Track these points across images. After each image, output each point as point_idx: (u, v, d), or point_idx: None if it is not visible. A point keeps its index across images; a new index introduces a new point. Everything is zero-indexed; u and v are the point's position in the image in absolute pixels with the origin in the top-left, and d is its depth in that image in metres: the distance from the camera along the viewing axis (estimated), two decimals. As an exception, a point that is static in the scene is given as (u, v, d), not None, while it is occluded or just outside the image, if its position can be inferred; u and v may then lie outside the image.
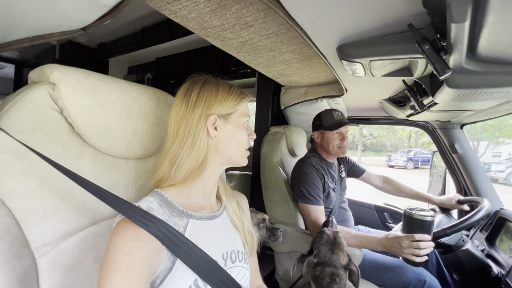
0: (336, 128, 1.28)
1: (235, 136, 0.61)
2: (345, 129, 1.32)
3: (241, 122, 0.61)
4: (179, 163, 0.55)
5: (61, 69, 0.50)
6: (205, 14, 0.78)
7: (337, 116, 1.31)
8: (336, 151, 1.31)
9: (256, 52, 1.05)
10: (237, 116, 0.61)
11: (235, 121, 0.60)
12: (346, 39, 0.78)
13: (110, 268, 0.41)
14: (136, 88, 0.64)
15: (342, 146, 1.31)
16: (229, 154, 0.61)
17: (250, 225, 0.71)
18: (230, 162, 0.63)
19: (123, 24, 2.15)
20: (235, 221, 0.66)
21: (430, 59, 0.56)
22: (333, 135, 1.31)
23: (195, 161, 0.56)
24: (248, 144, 0.64)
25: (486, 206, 1.04)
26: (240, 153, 0.63)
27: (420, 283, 1.08)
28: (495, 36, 0.46)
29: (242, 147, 0.62)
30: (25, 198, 0.46)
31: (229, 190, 0.71)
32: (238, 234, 0.66)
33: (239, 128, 0.61)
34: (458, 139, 1.48)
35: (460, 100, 0.78)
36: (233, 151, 0.61)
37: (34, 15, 0.54)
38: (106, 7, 0.59)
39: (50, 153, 0.48)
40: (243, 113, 0.62)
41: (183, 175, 0.56)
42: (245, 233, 0.67)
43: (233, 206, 0.68)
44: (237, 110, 0.60)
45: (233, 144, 0.61)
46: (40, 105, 0.49)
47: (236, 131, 0.61)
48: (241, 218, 0.68)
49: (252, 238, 0.69)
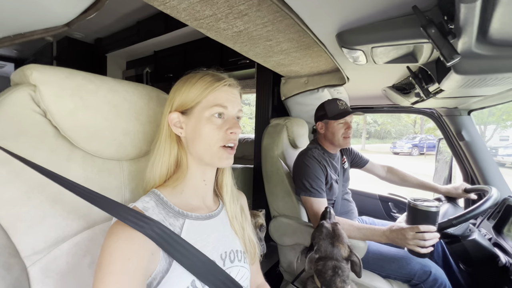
0: (342, 117, 1.25)
1: (199, 133, 0.53)
2: (350, 118, 1.28)
3: (206, 115, 0.53)
4: (153, 163, 0.55)
5: (41, 69, 0.48)
6: (195, 3, 0.73)
7: (342, 106, 1.28)
8: (341, 141, 1.29)
9: (253, 42, 1.01)
10: (200, 109, 0.53)
11: (197, 115, 0.53)
12: (345, 26, 0.73)
13: (105, 270, 0.40)
14: (125, 86, 0.61)
15: (347, 135, 1.28)
16: (197, 153, 0.55)
17: (251, 233, 0.66)
18: (203, 163, 0.56)
19: (118, 17, 2.10)
20: (235, 226, 0.63)
21: (436, 44, 0.52)
22: (338, 124, 1.27)
23: (167, 162, 0.55)
24: (226, 140, 0.54)
25: (494, 195, 1.01)
26: (211, 151, 0.54)
27: (425, 274, 1.06)
28: (509, 17, 0.42)
29: (211, 144, 0.54)
30: (12, 206, 0.44)
31: (235, 194, 0.67)
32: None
33: (201, 122, 0.53)
34: (465, 126, 1.43)
35: (468, 87, 0.74)
36: (200, 150, 0.54)
37: (11, 13, 0.51)
38: (87, 1, 0.55)
39: (35, 158, 0.46)
40: (209, 104, 0.53)
41: (159, 176, 0.55)
42: (245, 241, 0.64)
43: (235, 211, 0.64)
44: (201, 102, 0.53)
45: (198, 141, 0.54)
46: (21, 108, 0.47)
47: (199, 127, 0.53)
48: (242, 224, 0.65)
49: (253, 247, 0.66)
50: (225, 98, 0.54)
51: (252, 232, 0.67)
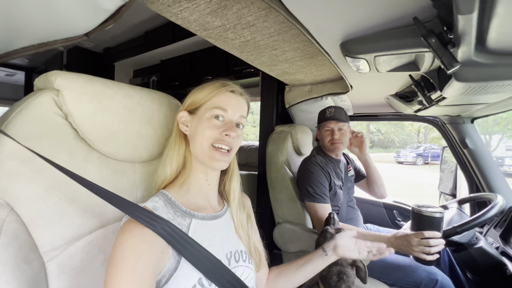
0: (324, 123, 1.30)
1: (196, 131, 0.56)
2: (336, 125, 1.30)
3: (207, 115, 0.56)
4: (165, 160, 0.58)
5: (64, 75, 0.51)
6: (206, 15, 0.77)
7: (329, 113, 1.31)
8: (329, 147, 1.32)
9: (259, 52, 1.04)
10: (205, 109, 0.57)
11: (201, 114, 0.57)
12: (349, 35, 0.76)
13: (117, 266, 0.42)
14: (139, 91, 0.64)
15: (334, 142, 1.29)
16: (194, 151, 0.58)
17: (257, 241, 0.67)
18: (199, 162, 0.59)
19: (127, 28, 2.17)
20: (240, 234, 0.63)
21: (437, 53, 0.54)
22: (325, 131, 1.33)
23: (176, 158, 0.58)
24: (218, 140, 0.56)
25: (499, 202, 1.01)
26: (202, 149, 0.56)
27: (431, 282, 1.05)
28: (505, 27, 0.44)
29: (203, 142, 0.56)
30: (33, 203, 0.46)
31: (241, 202, 0.68)
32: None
33: (201, 121, 0.56)
34: (468, 134, 1.44)
35: (469, 94, 0.76)
36: (195, 147, 0.57)
37: (38, 23, 0.55)
38: (107, 12, 0.59)
39: (56, 158, 0.49)
40: (213, 105, 0.56)
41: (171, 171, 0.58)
42: (251, 249, 0.64)
43: (241, 219, 0.65)
44: (206, 103, 0.57)
45: (196, 139, 0.57)
46: (45, 111, 0.50)
47: (198, 125, 0.56)
48: (248, 232, 0.65)
49: (258, 255, 0.66)
50: (226, 102, 0.57)
51: (257, 240, 0.68)
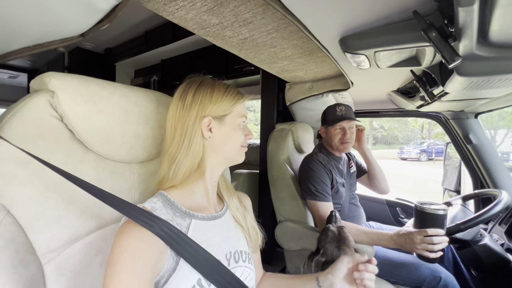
0: (336, 122, 1.27)
1: (231, 137, 0.61)
2: (348, 124, 1.28)
3: (237, 123, 0.62)
4: (177, 164, 0.56)
5: (59, 76, 0.51)
6: (202, 13, 0.77)
7: (340, 111, 1.28)
8: (338, 146, 1.30)
9: (258, 49, 1.03)
10: (232, 117, 0.61)
11: (230, 122, 0.61)
12: (348, 31, 0.75)
13: (115, 268, 0.42)
14: (135, 92, 0.64)
15: (345, 141, 1.28)
16: (225, 153, 0.62)
17: (253, 221, 0.71)
18: (227, 161, 0.64)
19: (127, 28, 2.17)
20: (238, 217, 0.67)
21: (437, 47, 0.53)
22: (335, 130, 1.29)
23: (192, 162, 0.57)
24: (245, 142, 0.65)
25: (504, 199, 0.99)
26: (236, 150, 0.63)
27: (435, 279, 1.04)
28: (508, 18, 0.43)
29: (237, 145, 0.63)
30: (29, 206, 0.46)
31: (230, 187, 0.72)
32: (242, 233, 0.66)
33: (234, 129, 0.61)
34: (472, 129, 1.42)
35: (472, 89, 0.74)
36: (229, 150, 0.62)
37: (33, 24, 0.54)
38: (102, 12, 0.59)
39: (52, 160, 0.49)
40: (239, 114, 0.62)
41: (182, 176, 0.57)
42: (249, 229, 0.68)
43: (235, 202, 0.69)
44: (233, 111, 0.60)
45: (229, 144, 0.61)
46: (40, 113, 0.50)
47: (231, 132, 0.61)
48: (243, 214, 0.69)
49: (256, 233, 0.69)
50: (244, 110, 0.65)
51: (254, 220, 0.71)
